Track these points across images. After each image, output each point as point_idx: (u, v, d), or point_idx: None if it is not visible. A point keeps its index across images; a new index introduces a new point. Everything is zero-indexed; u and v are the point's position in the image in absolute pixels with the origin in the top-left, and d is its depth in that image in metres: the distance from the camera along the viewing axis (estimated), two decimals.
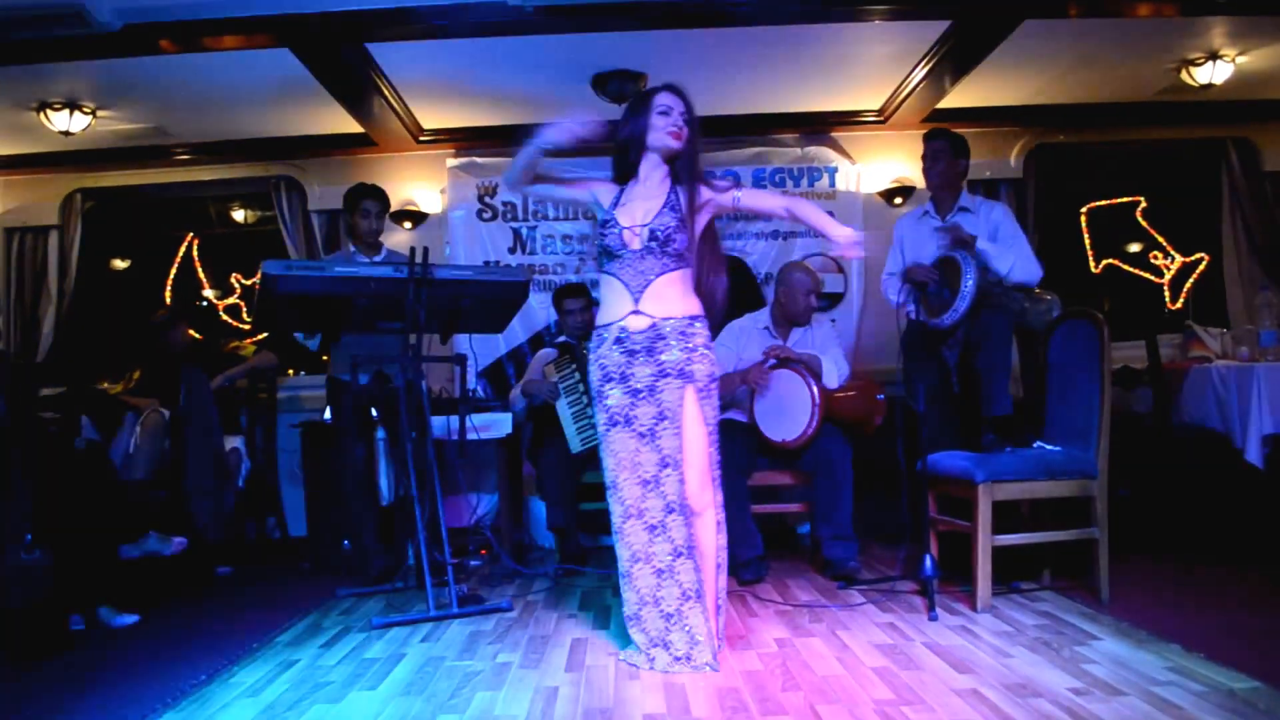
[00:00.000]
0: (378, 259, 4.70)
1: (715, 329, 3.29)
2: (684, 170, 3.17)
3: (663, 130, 3.12)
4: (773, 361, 4.35)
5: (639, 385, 3.07)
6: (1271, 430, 4.30)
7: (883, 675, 2.81)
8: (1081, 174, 6.40)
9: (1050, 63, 5.19)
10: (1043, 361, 4.04)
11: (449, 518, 4.09)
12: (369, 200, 4.71)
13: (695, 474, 3.07)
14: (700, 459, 3.08)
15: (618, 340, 3.11)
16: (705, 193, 3.17)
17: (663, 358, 3.06)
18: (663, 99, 3.14)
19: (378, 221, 4.73)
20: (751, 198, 3.38)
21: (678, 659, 2.99)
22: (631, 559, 3.09)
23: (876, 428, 4.35)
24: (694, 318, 3.14)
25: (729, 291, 3.28)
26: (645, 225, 3.09)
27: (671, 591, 3.04)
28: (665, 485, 3.06)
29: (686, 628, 3.01)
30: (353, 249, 4.78)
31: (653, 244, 3.08)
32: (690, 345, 3.09)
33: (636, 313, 3.10)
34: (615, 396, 3.10)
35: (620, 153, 3.22)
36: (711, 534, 3.11)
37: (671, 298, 3.11)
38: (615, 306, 3.14)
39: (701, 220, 3.17)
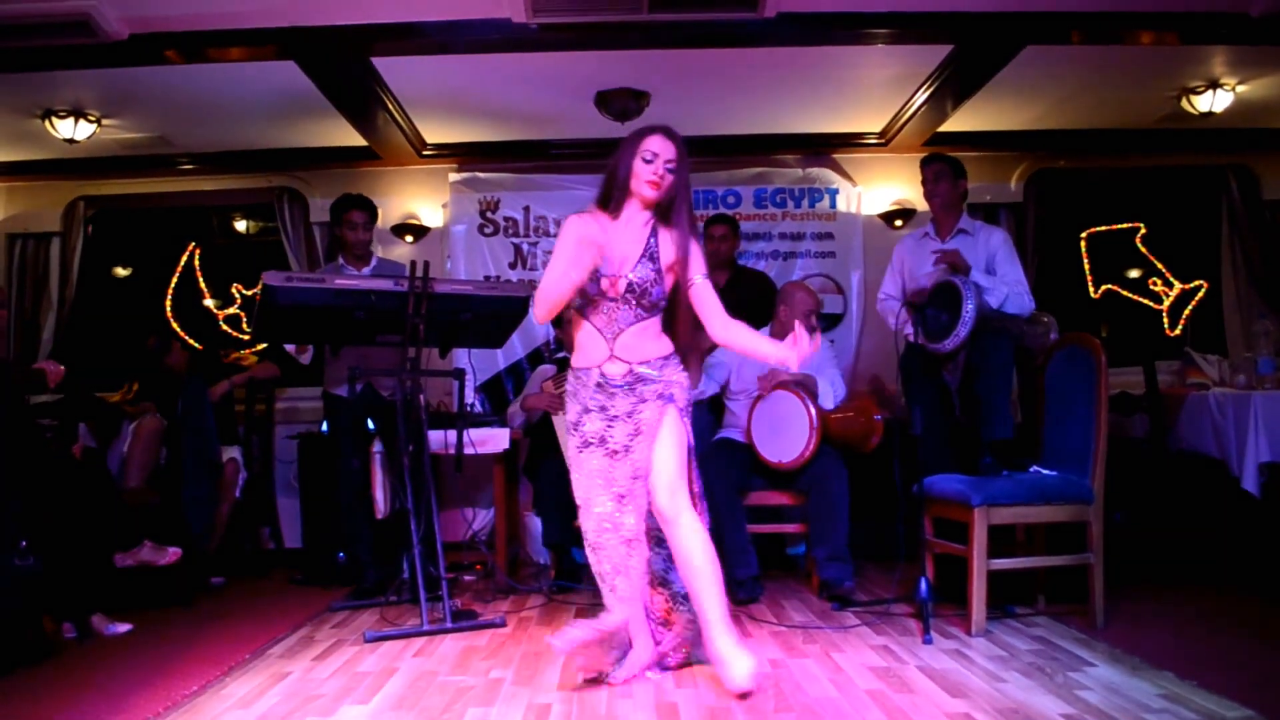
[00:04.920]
0: (367, 270, 4.72)
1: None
2: (665, 216, 3.10)
3: (642, 178, 3.04)
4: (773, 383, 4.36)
5: (616, 412, 3.07)
6: (1268, 458, 4.30)
7: (876, 698, 2.80)
8: (1081, 199, 6.42)
9: (1051, 88, 5.21)
10: (1040, 386, 4.04)
11: (444, 532, 4.08)
12: (355, 211, 4.73)
13: (665, 482, 3.01)
14: (671, 466, 3.02)
15: (598, 385, 3.09)
16: (675, 252, 3.08)
17: (642, 389, 3.06)
18: (650, 144, 3.04)
19: (365, 232, 4.75)
20: (701, 293, 3.12)
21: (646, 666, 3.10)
22: (615, 570, 3.11)
23: (874, 447, 4.34)
24: (666, 357, 3.12)
25: (737, 312, 3.24)
26: (623, 276, 3.04)
27: (636, 598, 3.11)
28: (638, 498, 3.06)
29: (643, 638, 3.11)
30: (341, 261, 4.79)
31: (629, 295, 3.05)
32: (666, 377, 3.08)
33: (613, 359, 3.08)
34: (592, 423, 3.10)
35: (606, 188, 3.16)
36: (698, 541, 2.98)
37: (645, 344, 3.10)
38: (592, 351, 3.11)
39: (669, 278, 3.11)
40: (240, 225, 6.68)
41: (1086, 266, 6.35)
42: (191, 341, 6.05)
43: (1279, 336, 5.15)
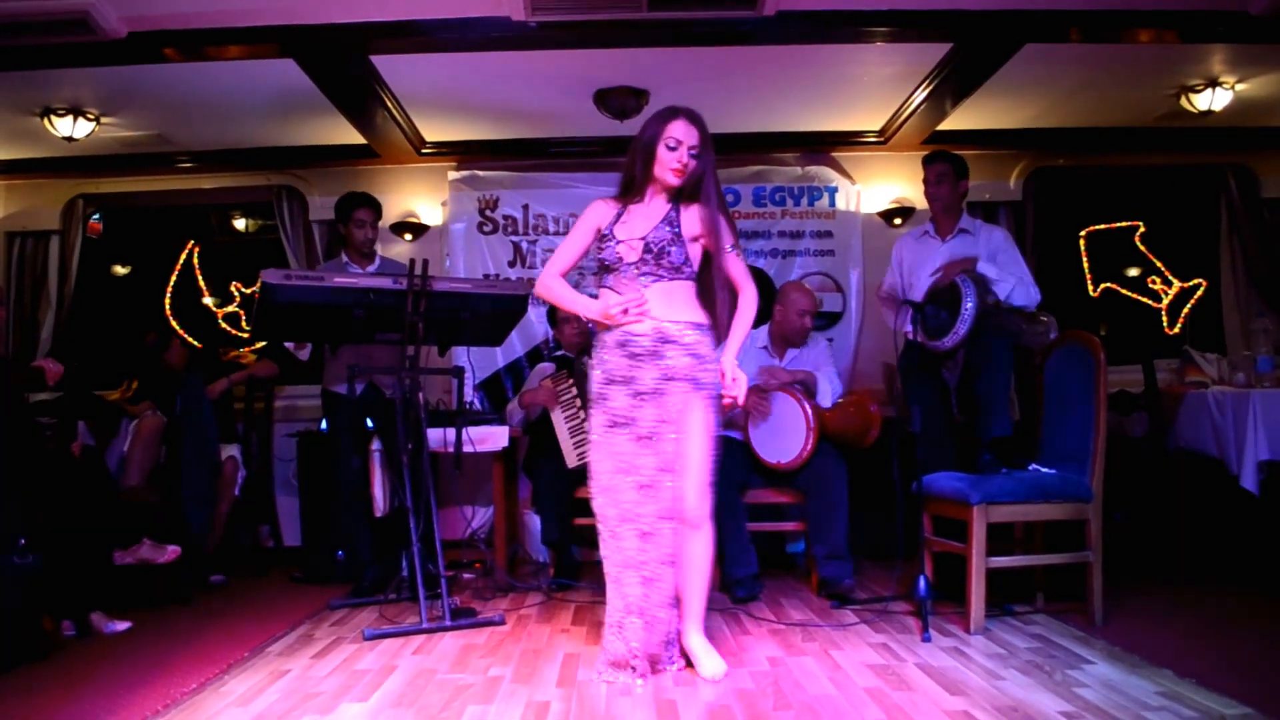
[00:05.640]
0: (372, 268, 4.71)
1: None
2: (689, 196, 3.13)
3: (666, 166, 3.08)
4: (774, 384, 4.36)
5: (644, 388, 3.06)
6: (1267, 456, 4.29)
7: (874, 696, 2.81)
8: (1080, 198, 6.42)
9: (1051, 87, 5.21)
10: (1039, 384, 4.05)
11: (443, 530, 4.08)
12: (363, 210, 4.71)
13: (695, 485, 3.04)
14: (702, 469, 3.05)
15: (621, 344, 3.08)
16: (699, 225, 3.11)
17: (668, 362, 3.05)
18: (674, 130, 3.07)
19: (372, 230, 4.74)
20: (730, 263, 3.15)
21: (657, 667, 3.09)
22: (623, 564, 3.09)
23: (874, 440, 4.33)
24: (698, 325, 3.11)
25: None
26: (641, 238, 3.08)
27: (655, 599, 3.08)
28: (662, 491, 3.05)
29: (665, 633, 3.10)
30: (345, 259, 4.78)
31: (647, 256, 3.07)
32: (698, 353, 3.07)
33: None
34: (619, 399, 3.08)
35: (629, 173, 3.19)
36: (708, 547, 3.11)
37: (674, 303, 3.09)
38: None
39: (695, 249, 3.13)
40: (239, 223, 6.68)
41: (1085, 265, 6.35)
42: (190, 339, 6.05)
43: (1278, 335, 5.15)
